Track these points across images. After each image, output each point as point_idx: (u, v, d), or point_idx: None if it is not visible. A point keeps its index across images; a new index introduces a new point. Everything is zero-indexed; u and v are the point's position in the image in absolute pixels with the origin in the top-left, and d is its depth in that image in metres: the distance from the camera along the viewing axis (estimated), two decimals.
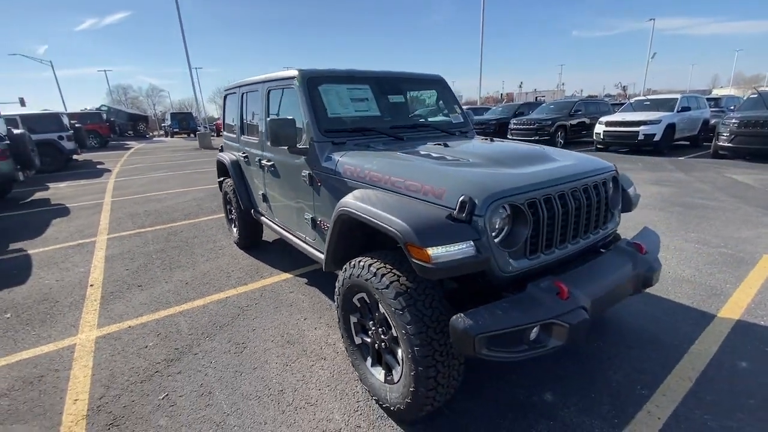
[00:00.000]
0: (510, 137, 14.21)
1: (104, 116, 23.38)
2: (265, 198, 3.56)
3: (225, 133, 4.45)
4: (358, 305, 2.06)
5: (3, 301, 3.38)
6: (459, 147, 2.32)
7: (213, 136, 23.87)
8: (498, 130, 15.29)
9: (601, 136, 11.65)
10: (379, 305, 1.83)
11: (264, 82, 3.22)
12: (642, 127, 10.62)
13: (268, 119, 2.51)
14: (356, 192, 2.07)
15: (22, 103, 25.30)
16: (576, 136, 13.81)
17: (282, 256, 4.18)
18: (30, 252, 4.63)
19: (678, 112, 10.99)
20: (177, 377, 2.33)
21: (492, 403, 2.03)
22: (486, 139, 2.70)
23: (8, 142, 6.97)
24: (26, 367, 2.49)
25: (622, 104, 14.71)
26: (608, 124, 11.50)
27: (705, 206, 5.50)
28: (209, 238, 4.92)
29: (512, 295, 1.67)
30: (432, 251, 1.52)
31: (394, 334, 1.81)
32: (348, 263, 1.99)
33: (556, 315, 1.55)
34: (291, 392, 2.17)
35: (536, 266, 1.81)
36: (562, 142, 13.34)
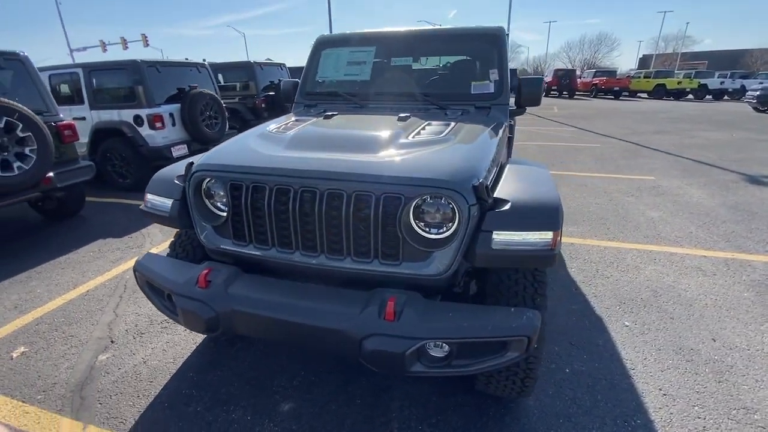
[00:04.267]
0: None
1: None
2: None
3: None
4: None
5: None
6: (332, 122, 2.08)
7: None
8: None
9: None
10: None
11: None
12: None
13: (281, 81, 3.05)
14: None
15: None
16: None
17: None
18: None
19: None
20: None
21: (246, 373, 2.13)
22: (405, 115, 2.01)
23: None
24: None
25: None
26: None
27: None
28: None
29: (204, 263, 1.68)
30: (147, 196, 1.81)
31: None
32: None
33: (169, 288, 1.56)
34: None
35: (247, 254, 1.64)
36: None
